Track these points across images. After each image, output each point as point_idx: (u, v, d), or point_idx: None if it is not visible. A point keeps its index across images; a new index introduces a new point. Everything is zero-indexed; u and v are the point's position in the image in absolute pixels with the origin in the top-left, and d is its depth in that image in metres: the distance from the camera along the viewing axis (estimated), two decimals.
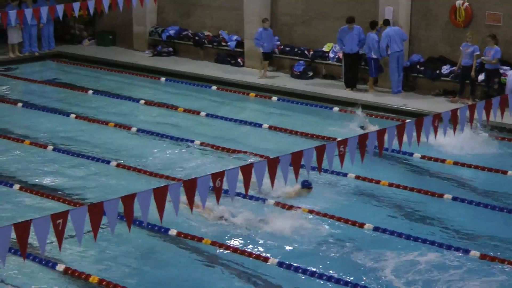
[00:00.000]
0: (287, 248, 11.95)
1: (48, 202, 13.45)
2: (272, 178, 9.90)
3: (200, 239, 12.08)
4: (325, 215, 12.92)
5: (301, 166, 10.19)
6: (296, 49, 21.72)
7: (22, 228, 8.01)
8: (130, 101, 19.69)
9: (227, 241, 12.07)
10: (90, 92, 20.50)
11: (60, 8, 20.47)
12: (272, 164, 9.90)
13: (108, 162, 15.22)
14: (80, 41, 25.79)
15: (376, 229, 12.51)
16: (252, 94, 20.26)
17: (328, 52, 21.18)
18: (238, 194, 12.66)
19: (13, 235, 7.88)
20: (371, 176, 14.47)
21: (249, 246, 11.94)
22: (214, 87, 20.84)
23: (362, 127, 17.34)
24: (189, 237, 12.15)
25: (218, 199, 9.47)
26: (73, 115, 18.40)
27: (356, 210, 13.29)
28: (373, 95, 19.64)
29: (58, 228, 8.20)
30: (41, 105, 19.34)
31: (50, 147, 16.15)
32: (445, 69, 19.55)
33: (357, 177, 14.46)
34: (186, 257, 11.76)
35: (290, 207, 13.12)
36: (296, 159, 10.09)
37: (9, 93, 20.67)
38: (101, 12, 24.41)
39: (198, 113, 18.57)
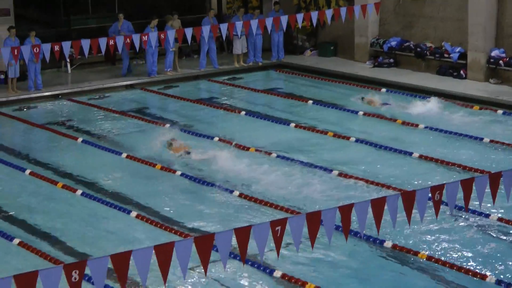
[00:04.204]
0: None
1: (267, 209, 13.74)
2: (494, 194, 9.63)
3: (416, 253, 11.91)
4: None
5: None
6: None
7: (242, 234, 8.24)
8: (349, 112, 19.76)
9: (443, 256, 11.83)
10: (310, 102, 20.77)
11: (284, 19, 20.99)
12: (494, 179, 9.63)
13: (330, 171, 15.35)
14: (302, 51, 26.21)
15: None
16: (476, 107, 19.75)
17: None
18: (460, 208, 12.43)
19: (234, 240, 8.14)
20: None
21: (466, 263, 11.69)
22: (436, 99, 20.48)
23: (362, 98, 20.12)
24: (404, 250, 12.02)
25: (437, 213, 9.31)
26: (293, 124, 18.72)
27: None
28: None
29: (277, 235, 8.37)
30: (263, 114, 19.83)
31: (274, 155, 16.49)
32: None
33: None
34: (398, 270, 11.64)
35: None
36: None
37: (233, 102, 21.34)
38: (323, 23, 24.73)
39: (417, 125, 18.33)
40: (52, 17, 25.37)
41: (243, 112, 19.93)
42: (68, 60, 23.80)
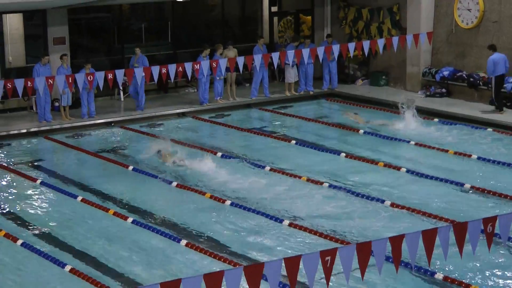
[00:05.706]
0: None
1: (317, 239, 13.68)
2: None
3: (467, 286, 11.75)
4: None
5: None
6: None
7: (292, 263, 8.21)
8: (400, 142, 19.64)
9: None
10: (361, 131, 20.69)
11: (336, 48, 21.05)
12: None
13: (382, 201, 15.25)
14: (353, 80, 26.18)
15: None
16: None
17: None
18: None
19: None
20: None
21: None
22: (489, 129, 20.32)
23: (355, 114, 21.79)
24: (456, 282, 11.86)
25: (489, 246, 9.19)
26: (343, 154, 18.65)
27: None
28: None
29: (327, 265, 8.33)
30: (314, 143, 19.79)
31: (325, 184, 16.43)
32: None
33: None
34: None
35: None
36: None
37: (284, 131, 21.35)
38: (375, 52, 24.69)
39: (470, 156, 18.15)
40: (106, 45, 25.70)
41: (293, 141, 19.93)
42: (121, 88, 24.05)
